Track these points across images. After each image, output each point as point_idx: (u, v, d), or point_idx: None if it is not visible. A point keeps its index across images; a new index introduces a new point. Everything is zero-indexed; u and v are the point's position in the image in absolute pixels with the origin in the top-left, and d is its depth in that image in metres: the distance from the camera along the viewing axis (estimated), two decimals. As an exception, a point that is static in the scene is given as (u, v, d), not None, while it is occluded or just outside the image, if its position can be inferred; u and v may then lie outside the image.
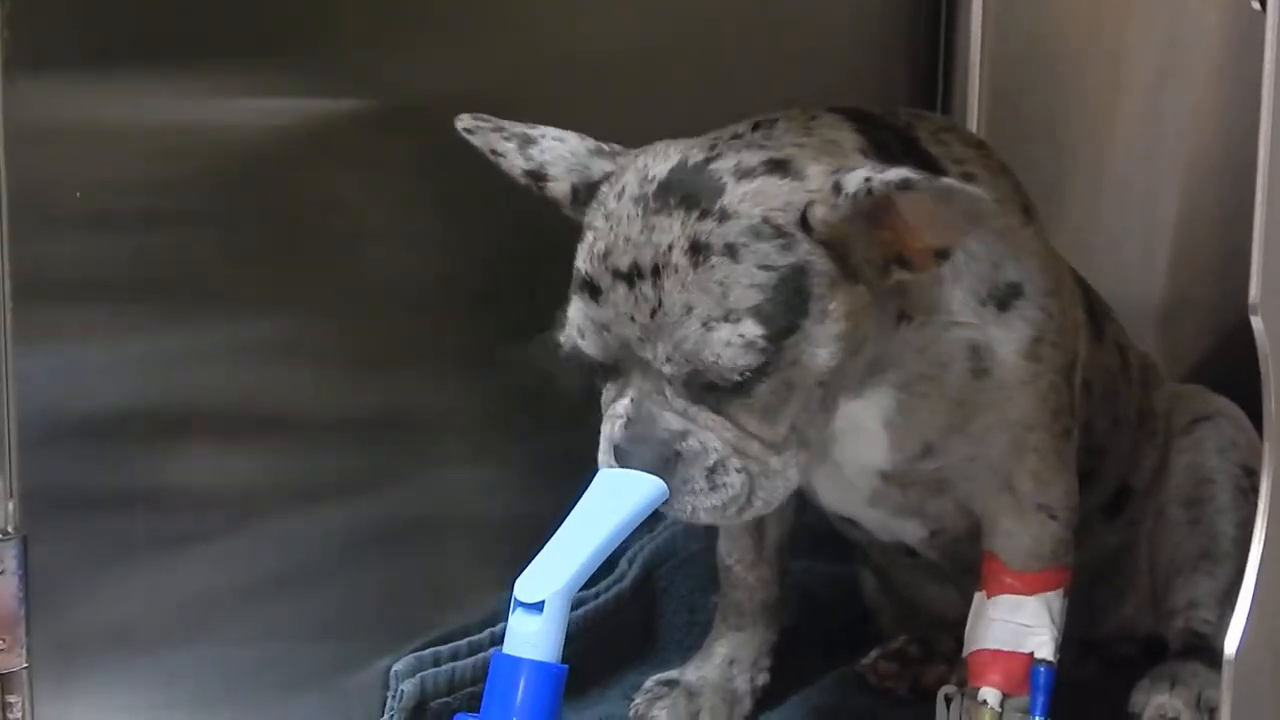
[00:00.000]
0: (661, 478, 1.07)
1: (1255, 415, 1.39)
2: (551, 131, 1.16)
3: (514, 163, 1.16)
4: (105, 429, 1.13)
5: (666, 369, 1.07)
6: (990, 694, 1.24)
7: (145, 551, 1.16)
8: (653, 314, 1.06)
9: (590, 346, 1.09)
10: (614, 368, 1.10)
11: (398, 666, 1.29)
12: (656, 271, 1.05)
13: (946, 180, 1.06)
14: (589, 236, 1.10)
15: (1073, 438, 1.27)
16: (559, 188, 1.15)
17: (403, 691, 1.27)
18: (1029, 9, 1.64)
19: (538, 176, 1.15)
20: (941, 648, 1.42)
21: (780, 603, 1.39)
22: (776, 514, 1.33)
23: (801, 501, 1.36)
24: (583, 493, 1.05)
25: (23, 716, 1.07)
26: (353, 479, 1.30)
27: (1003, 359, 1.20)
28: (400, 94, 1.29)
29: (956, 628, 1.32)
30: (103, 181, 1.11)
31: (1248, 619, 0.70)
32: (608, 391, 1.11)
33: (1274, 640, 0.73)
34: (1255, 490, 1.36)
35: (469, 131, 1.17)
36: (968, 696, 1.25)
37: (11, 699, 1.07)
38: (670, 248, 1.05)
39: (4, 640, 1.06)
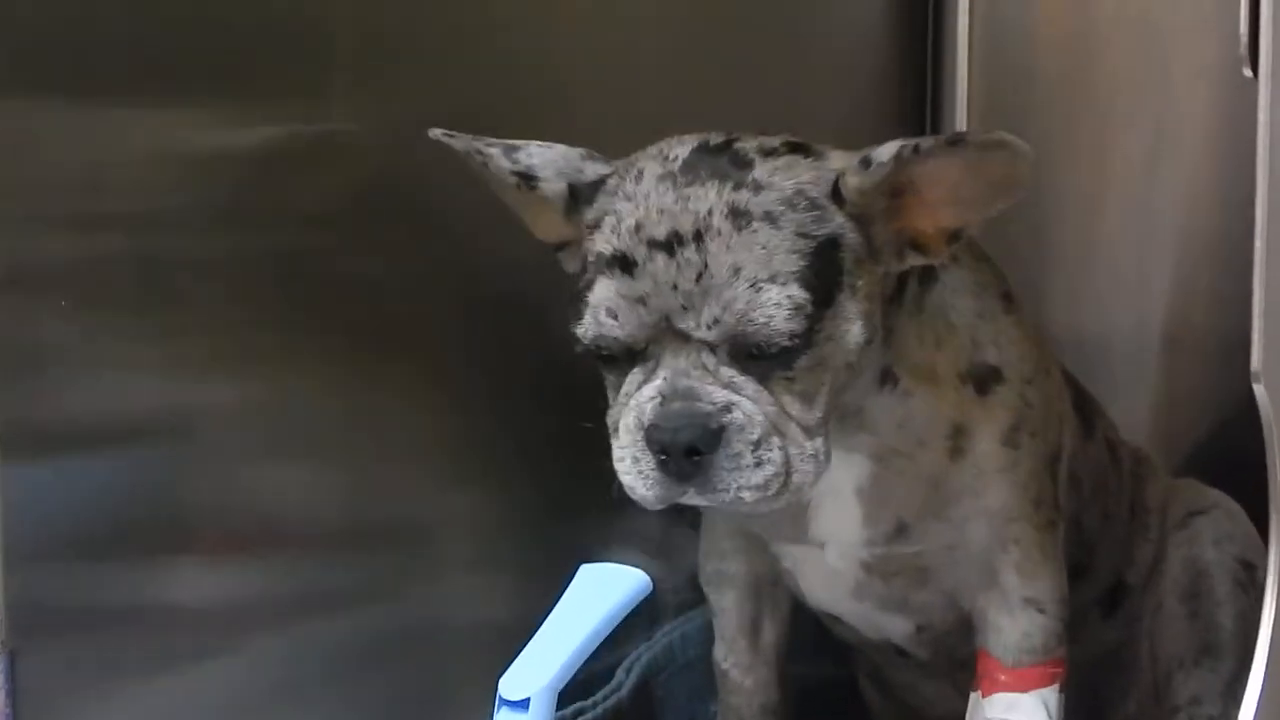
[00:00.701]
0: (705, 456, 1.06)
1: (1252, 509, 1.40)
2: (535, 142, 1.16)
3: (500, 164, 1.15)
4: (95, 545, 1.13)
5: (711, 335, 1.06)
6: None
7: (135, 668, 1.16)
8: (698, 278, 1.05)
9: (623, 326, 1.07)
10: (642, 351, 1.08)
11: None
12: (699, 236, 1.05)
13: (994, 133, 1.06)
14: (610, 220, 1.09)
15: (1058, 530, 1.26)
16: (552, 188, 1.14)
17: None
18: (1013, 82, 1.64)
19: (527, 178, 1.15)
20: None
21: (778, 707, 1.37)
22: (772, 614, 1.35)
23: (797, 604, 1.36)
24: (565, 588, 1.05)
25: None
26: (346, 588, 1.29)
27: (980, 443, 1.20)
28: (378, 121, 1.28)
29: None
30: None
31: (1258, 708, 0.69)
32: (630, 381, 1.10)
33: None
34: (1253, 583, 1.37)
35: (447, 136, 1.16)
36: None
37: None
38: (710, 212, 1.05)
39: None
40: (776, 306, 1.05)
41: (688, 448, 1.06)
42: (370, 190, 1.28)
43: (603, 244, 1.08)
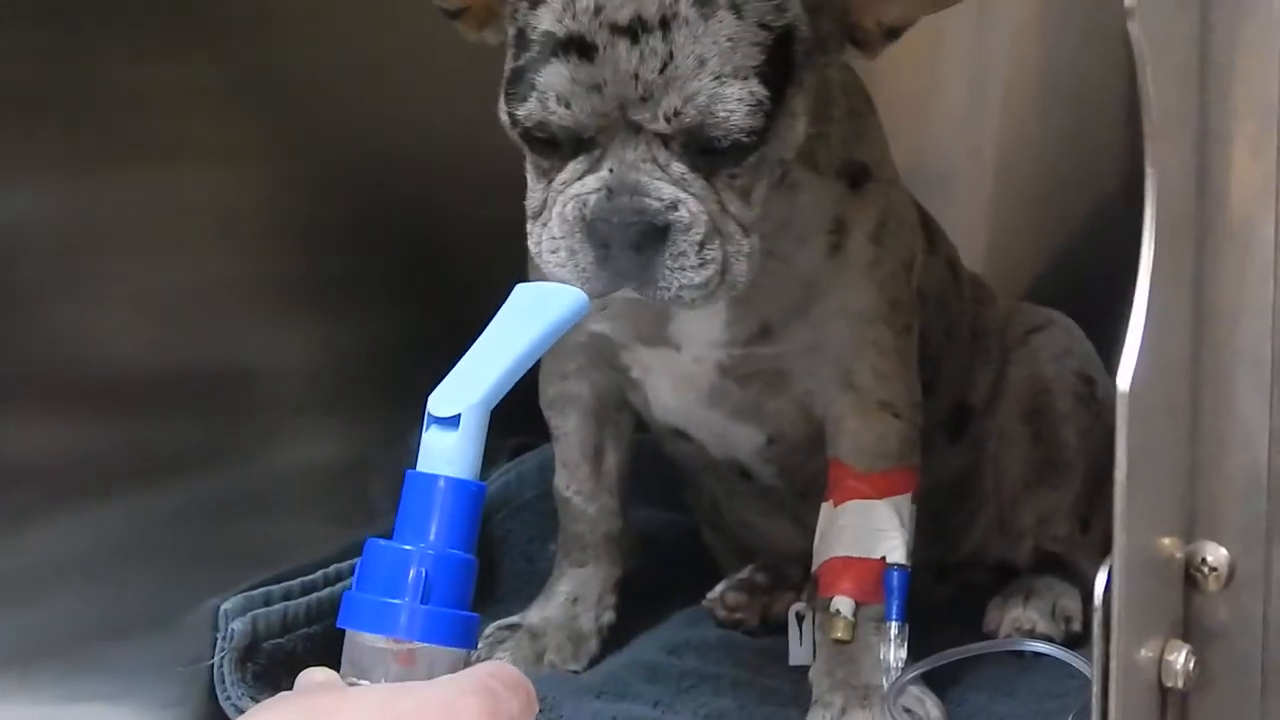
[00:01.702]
0: (646, 255, 1.04)
1: (1087, 328, 1.41)
2: None
3: None
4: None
5: (668, 128, 1.03)
6: (843, 603, 1.22)
7: None
8: (663, 68, 1.02)
9: (575, 114, 1.04)
10: (588, 139, 1.05)
11: (226, 606, 1.23)
12: (665, 24, 1.02)
13: None
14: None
15: (912, 335, 1.26)
16: None
17: (233, 631, 1.22)
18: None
19: None
20: (790, 577, 1.40)
21: (623, 536, 1.36)
22: (614, 440, 1.34)
23: (638, 440, 1.36)
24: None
25: None
26: (183, 437, 1.27)
27: (853, 238, 1.20)
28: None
29: (799, 560, 1.31)
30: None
31: (1139, 353, 0.68)
32: (570, 169, 1.07)
33: (1164, 375, 0.71)
34: (1094, 398, 1.39)
35: None
36: (819, 610, 1.23)
37: None
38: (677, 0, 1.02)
39: None
40: (739, 102, 1.03)
41: (633, 243, 1.04)
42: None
43: (551, 22, 1.05)
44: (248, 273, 1.33)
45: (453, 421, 0.89)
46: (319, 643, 1.25)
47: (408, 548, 0.88)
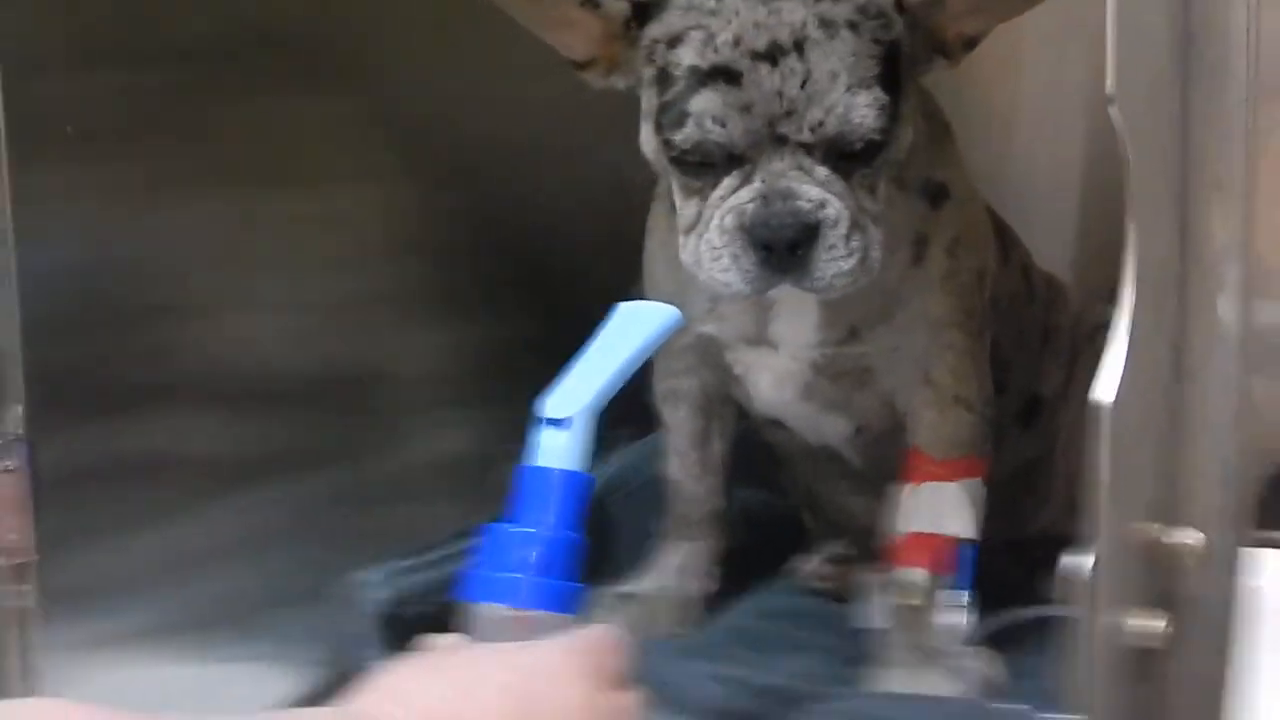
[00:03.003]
0: (802, 252, 1.16)
1: None
2: None
3: None
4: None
5: (812, 137, 1.15)
6: (917, 574, 1.32)
7: (144, 503, 1.25)
8: (803, 84, 1.14)
9: (729, 133, 1.16)
10: (739, 156, 1.17)
11: (371, 576, 1.36)
12: (799, 46, 1.15)
13: None
14: (697, 35, 1.17)
15: (985, 338, 1.36)
16: (615, 6, 1.22)
17: (376, 599, 1.35)
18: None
19: (590, 2, 1.22)
20: (873, 550, 1.46)
21: (725, 514, 1.47)
22: (719, 429, 1.45)
23: (741, 430, 1.46)
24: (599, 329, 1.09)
25: (33, 602, 1.16)
26: (329, 432, 1.38)
27: (932, 252, 1.30)
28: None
29: (880, 535, 1.40)
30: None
31: (1124, 370, 0.81)
32: (725, 185, 1.18)
33: (1141, 390, 0.84)
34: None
35: None
36: (895, 579, 1.33)
37: (25, 588, 1.16)
38: (805, 24, 1.15)
39: (17, 533, 1.15)
40: (868, 108, 1.16)
41: (791, 243, 1.16)
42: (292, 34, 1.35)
43: (694, 57, 1.17)
44: (384, 285, 1.44)
45: (565, 423, 1.02)
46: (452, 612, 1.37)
47: (528, 530, 1.01)
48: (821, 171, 1.17)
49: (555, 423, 1.02)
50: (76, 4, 1.19)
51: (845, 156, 1.17)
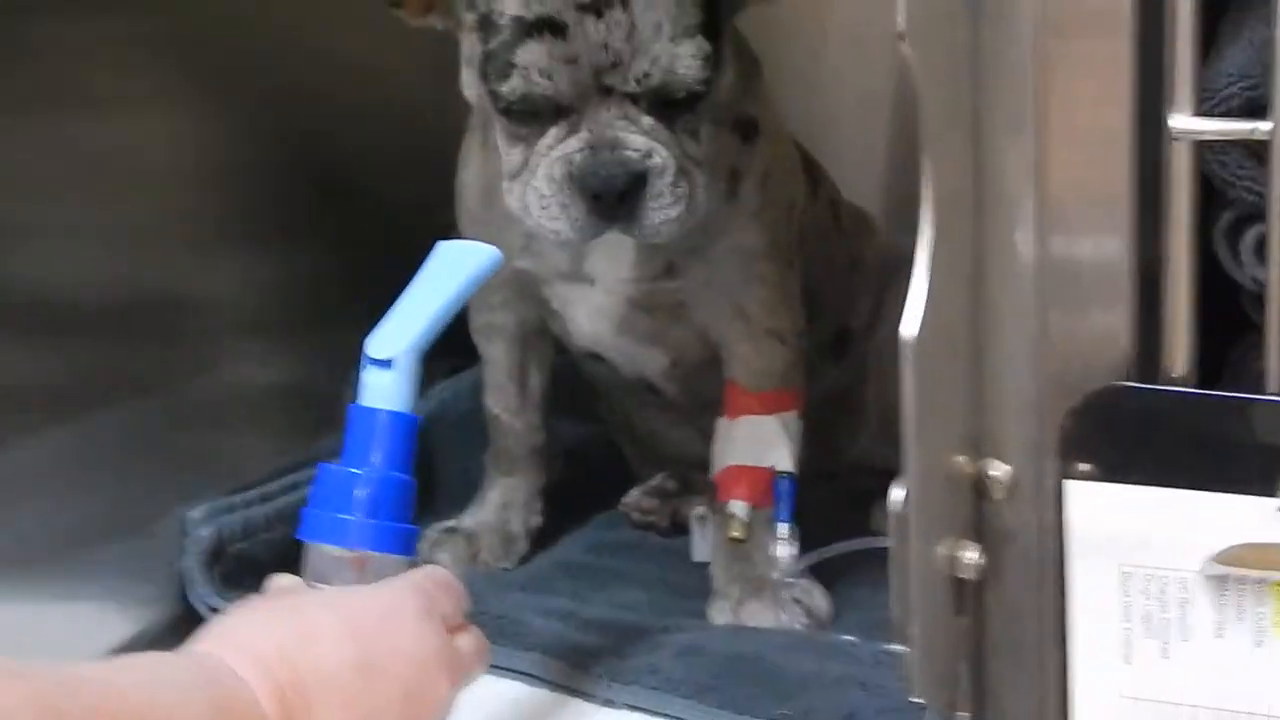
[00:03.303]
0: (630, 200, 1.18)
1: None
2: None
3: None
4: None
5: (637, 88, 1.17)
6: (738, 506, 1.35)
7: None
8: (628, 36, 1.15)
9: (556, 85, 1.17)
10: (566, 107, 1.18)
11: (193, 514, 1.36)
12: None
13: None
14: None
15: (795, 270, 1.39)
16: None
17: (201, 536, 1.35)
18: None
19: None
20: (696, 483, 1.52)
21: (546, 448, 1.49)
22: (536, 363, 1.47)
23: (557, 354, 1.48)
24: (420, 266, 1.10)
25: None
26: (139, 361, 1.37)
27: (744, 186, 1.33)
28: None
29: (702, 466, 1.43)
30: None
31: (925, 306, 0.83)
32: (551, 135, 1.19)
33: (947, 325, 0.86)
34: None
35: None
36: (718, 512, 1.36)
37: None
38: None
39: None
40: (692, 58, 1.17)
41: (619, 191, 1.18)
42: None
43: (519, 7, 1.17)
44: (192, 210, 1.42)
45: (389, 363, 1.04)
46: (278, 547, 1.36)
47: (355, 471, 1.02)
48: (647, 121, 1.19)
49: (380, 363, 1.04)
50: None
51: (669, 105, 1.19)
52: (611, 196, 1.18)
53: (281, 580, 1.04)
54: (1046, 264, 0.88)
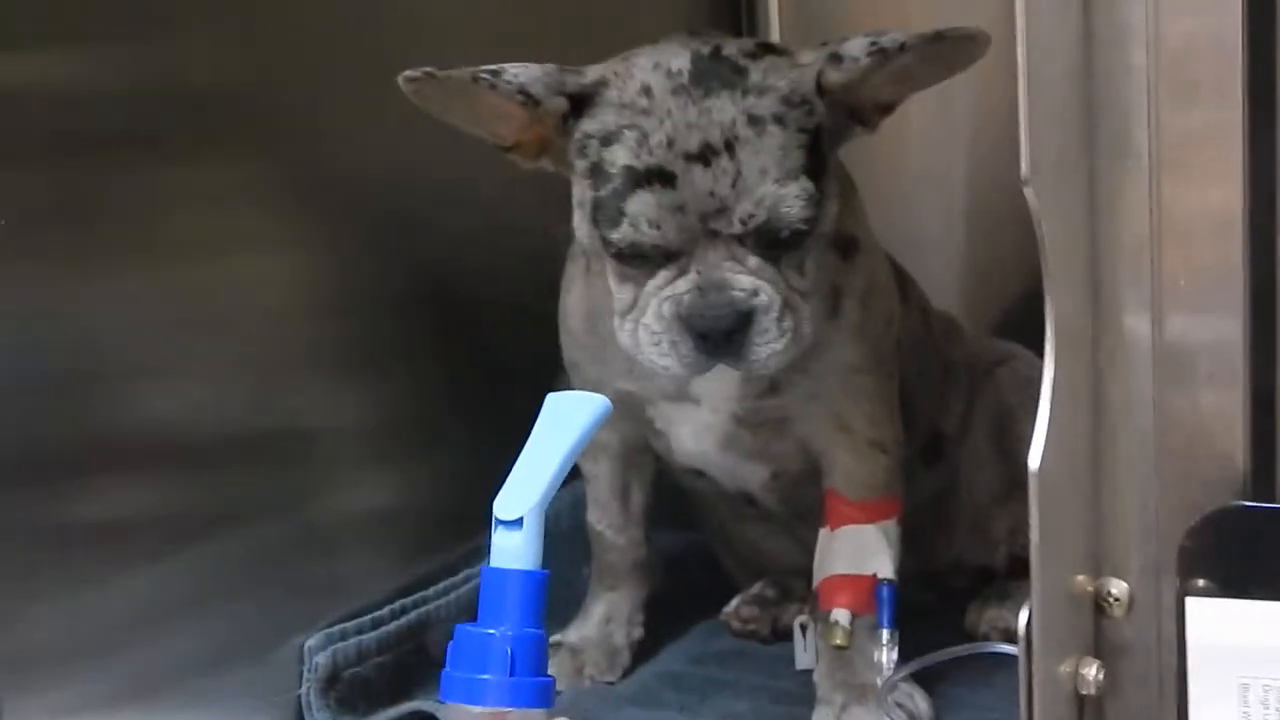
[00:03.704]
0: (737, 336, 1.21)
1: None
2: (509, 64, 1.25)
3: (507, 88, 1.23)
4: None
5: (743, 230, 1.20)
6: (841, 614, 1.36)
7: (88, 570, 1.26)
8: (734, 183, 1.19)
9: (663, 234, 1.20)
10: (675, 252, 1.22)
11: (311, 642, 1.39)
12: (729, 146, 1.19)
13: (967, 28, 1.20)
14: (631, 135, 1.21)
15: (895, 382, 1.41)
16: (555, 103, 1.24)
17: (317, 664, 1.37)
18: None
19: (529, 97, 1.24)
20: (795, 591, 1.55)
21: (648, 563, 1.51)
22: (639, 480, 1.49)
23: (660, 471, 1.50)
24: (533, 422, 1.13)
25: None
26: (254, 491, 1.39)
27: (846, 303, 1.35)
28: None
29: (800, 574, 1.46)
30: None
31: (1046, 437, 0.86)
32: (661, 276, 1.23)
33: (1069, 454, 0.89)
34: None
35: (429, 75, 1.22)
36: (821, 620, 1.38)
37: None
38: (734, 123, 1.19)
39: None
40: (796, 198, 1.20)
41: (727, 330, 1.21)
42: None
43: (629, 158, 1.21)
44: (312, 341, 1.45)
45: (516, 523, 1.07)
46: (390, 670, 1.40)
47: (492, 632, 1.07)
48: (753, 261, 1.22)
49: (508, 524, 1.07)
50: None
51: (774, 245, 1.22)
52: (719, 335, 1.22)
53: None
54: (1164, 392, 0.91)
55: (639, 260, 1.23)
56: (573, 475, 1.47)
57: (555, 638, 1.49)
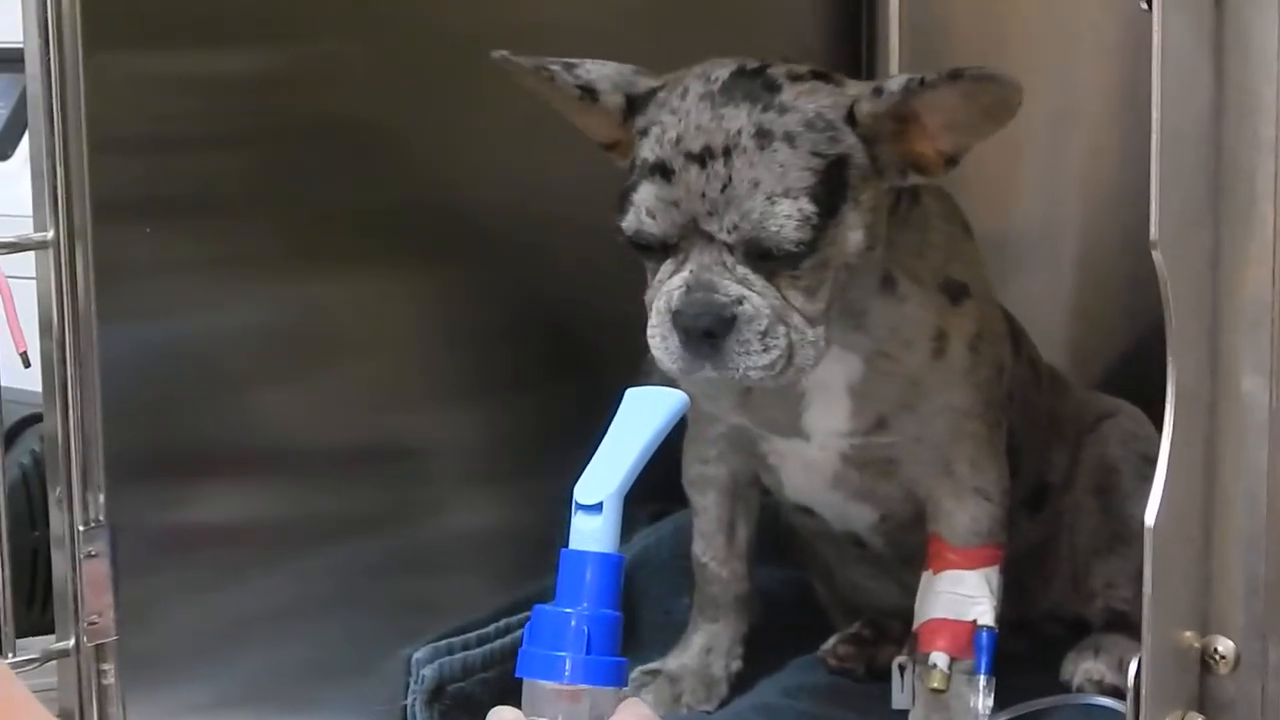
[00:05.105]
0: (719, 339, 1.23)
1: (1154, 416, 1.57)
2: (589, 60, 1.30)
3: (565, 79, 1.30)
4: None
5: (730, 238, 1.22)
6: (939, 658, 1.38)
7: (207, 573, 1.32)
8: (723, 189, 1.22)
9: (658, 225, 1.24)
10: (675, 245, 1.25)
11: (418, 655, 1.42)
12: (727, 152, 1.22)
13: (988, 69, 1.23)
14: (656, 130, 1.25)
15: (1003, 430, 1.43)
16: (612, 100, 1.30)
17: (424, 676, 1.41)
18: (938, 42, 1.83)
19: (589, 91, 1.30)
20: (892, 631, 1.56)
21: (750, 596, 1.53)
22: (745, 514, 1.51)
23: (763, 509, 1.52)
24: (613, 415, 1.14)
25: (114, 681, 1.22)
26: (371, 505, 1.44)
27: (953, 346, 1.37)
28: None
29: (899, 615, 1.48)
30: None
31: (1162, 495, 0.88)
32: (664, 270, 1.26)
33: (1182, 513, 0.91)
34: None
35: (510, 58, 1.29)
36: (919, 663, 1.40)
37: (105, 666, 1.22)
38: (739, 132, 1.22)
39: (99, 616, 1.21)
40: (787, 218, 1.22)
41: (705, 331, 1.24)
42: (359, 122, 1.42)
43: (647, 151, 1.25)
44: (428, 364, 1.50)
45: (595, 508, 1.09)
46: (493, 685, 1.43)
47: (568, 610, 1.07)
48: (741, 270, 1.24)
49: (588, 509, 1.09)
50: (154, 90, 1.26)
51: (766, 259, 1.24)
52: (698, 334, 1.24)
53: (504, 714, 1.08)
54: (1277, 455, 0.93)
55: (646, 251, 1.27)
56: (677, 505, 1.54)
57: (654, 665, 1.51)
